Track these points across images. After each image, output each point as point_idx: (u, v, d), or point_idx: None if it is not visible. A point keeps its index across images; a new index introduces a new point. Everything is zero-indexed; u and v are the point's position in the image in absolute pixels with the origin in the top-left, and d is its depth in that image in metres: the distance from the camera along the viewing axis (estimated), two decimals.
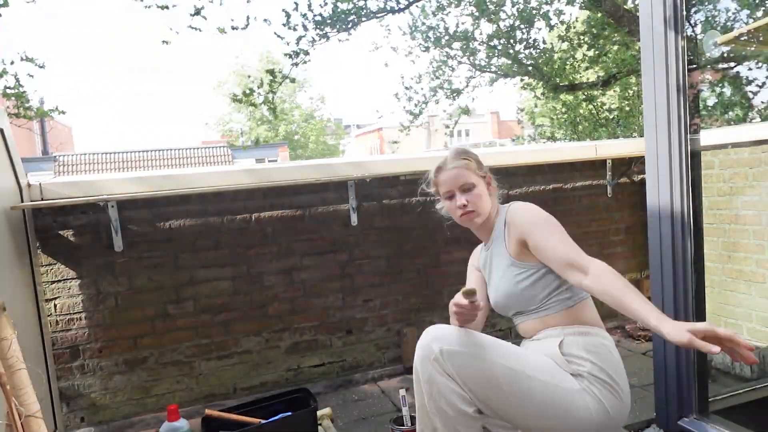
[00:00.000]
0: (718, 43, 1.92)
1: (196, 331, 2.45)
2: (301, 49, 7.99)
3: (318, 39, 7.99)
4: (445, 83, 9.63)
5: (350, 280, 2.66)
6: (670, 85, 1.77)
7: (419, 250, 2.76)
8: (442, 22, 9.09)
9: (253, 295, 2.52)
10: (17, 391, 1.25)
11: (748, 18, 3.55)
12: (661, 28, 1.76)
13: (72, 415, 2.32)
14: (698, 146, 1.81)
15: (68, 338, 2.31)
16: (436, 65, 9.61)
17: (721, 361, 2.34)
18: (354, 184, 2.59)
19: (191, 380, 2.46)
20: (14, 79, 6.01)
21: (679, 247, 1.80)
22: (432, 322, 2.79)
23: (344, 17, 7.93)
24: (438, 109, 11.29)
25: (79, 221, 2.29)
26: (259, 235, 2.52)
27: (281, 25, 7.88)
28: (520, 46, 8.49)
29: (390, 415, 2.30)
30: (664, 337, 1.12)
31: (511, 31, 8.37)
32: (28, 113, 6.37)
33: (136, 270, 2.37)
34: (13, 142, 2.12)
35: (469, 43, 8.84)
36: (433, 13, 9.04)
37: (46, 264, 2.27)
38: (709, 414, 1.85)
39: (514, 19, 8.33)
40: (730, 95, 5.36)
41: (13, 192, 2.11)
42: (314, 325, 2.62)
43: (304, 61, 8.10)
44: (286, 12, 7.78)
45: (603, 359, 1.40)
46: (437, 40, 9.15)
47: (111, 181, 2.32)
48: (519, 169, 2.89)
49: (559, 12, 8.06)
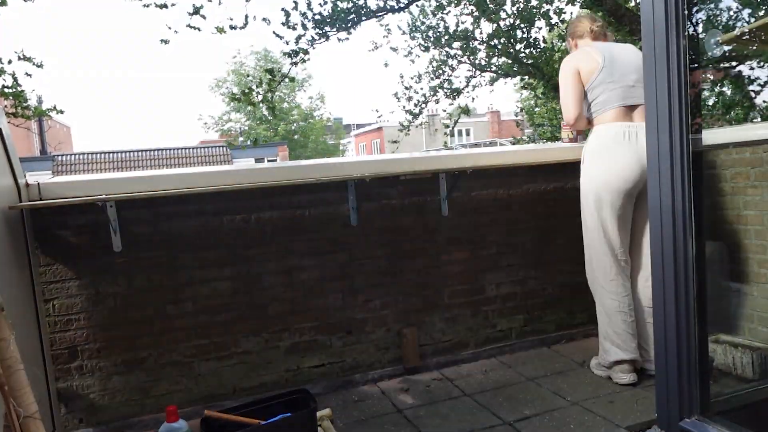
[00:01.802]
0: (720, 42, 1.91)
1: (195, 332, 2.44)
2: (301, 48, 7.99)
3: (317, 38, 7.98)
4: (445, 83, 9.63)
5: (350, 280, 2.65)
6: (671, 85, 1.76)
7: (419, 250, 2.75)
8: (442, 22, 9.09)
9: (252, 295, 2.51)
10: (15, 391, 1.24)
11: (750, 17, 3.54)
12: (662, 27, 1.75)
13: (70, 416, 2.31)
14: (700, 146, 1.80)
15: (67, 339, 2.30)
16: (436, 65, 9.61)
17: (722, 362, 2.33)
18: (354, 184, 2.58)
19: (190, 381, 2.45)
20: (12, 78, 6.00)
21: (681, 248, 1.80)
22: (432, 322, 2.79)
23: (344, 16, 7.93)
24: (438, 109, 11.28)
25: (77, 221, 2.28)
26: (259, 235, 2.51)
27: (280, 24, 7.87)
28: (521, 46, 8.49)
29: (390, 416, 2.29)
30: None
31: (512, 30, 8.37)
32: (26, 112, 6.36)
33: (135, 270, 2.36)
34: (11, 141, 2.11)
35: (469, 42, 8.83)
36: (433, 12, 9.04)
37: (44, 264, 2.26)
38: (711, 415, 1.84)
39: (515, 19, 8.32)
40: (732, 95, 5.35)
41: (11, 192, 2.10)
42: (314, 326, 2.61)
43: (303, 60, 8.10)
44: (286, 11, 7.77)
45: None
46: (437, 39, 9.15)
47: (110, 181, 2.31)
48: (519, 169, 2.88)
49: (559, 11, 8.05)
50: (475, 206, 2.82)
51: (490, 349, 2.87)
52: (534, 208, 2.93)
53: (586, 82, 2.42)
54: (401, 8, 8.44)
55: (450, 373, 2.69)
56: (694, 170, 1.78)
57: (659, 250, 1.85)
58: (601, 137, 2.40)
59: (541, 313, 2.98)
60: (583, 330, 2.98)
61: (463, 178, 2.75)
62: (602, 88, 2.39)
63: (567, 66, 2.48)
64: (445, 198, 2.73)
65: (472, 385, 2.53)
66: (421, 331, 2.76)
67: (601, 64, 2.39)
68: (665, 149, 1.80)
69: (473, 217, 2.82)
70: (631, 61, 2.40)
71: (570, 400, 2.29)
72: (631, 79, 2.37)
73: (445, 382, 2.59)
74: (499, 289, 2.88)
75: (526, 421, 2.16)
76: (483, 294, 2.85)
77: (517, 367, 2.68)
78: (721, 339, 2.47)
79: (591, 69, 2.40)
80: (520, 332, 2.93)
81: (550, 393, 2.38)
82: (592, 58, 2.42)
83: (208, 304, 2.45)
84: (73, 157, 18.88)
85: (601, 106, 2.40)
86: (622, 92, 2.37)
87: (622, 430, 2.04)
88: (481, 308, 2.86)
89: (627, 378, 2.37)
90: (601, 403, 2.24)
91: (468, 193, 2.80)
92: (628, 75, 2.38)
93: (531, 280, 2.95)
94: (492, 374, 2.63)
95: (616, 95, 2.37)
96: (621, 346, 2.38)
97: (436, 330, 2.80)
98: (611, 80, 2.38)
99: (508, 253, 2.90)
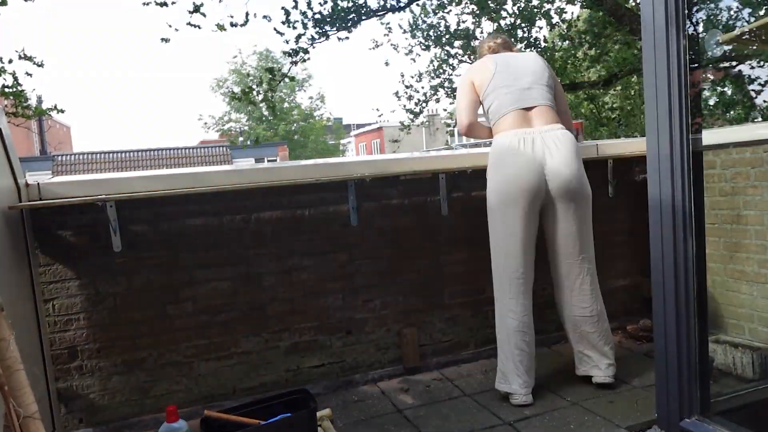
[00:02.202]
0: (720, 41, 1.91)
1: (195, 332, 2.44)
2: (301, 47, 7.98)
3: (318, 37, 7.98)
4: (446, 82, 9.61)
5: (350, 281, 2.65)
6: (671, 85, 1.75)
7: (419, 250, 2.75)
8: (443, 21, 9.08)
9: (252, 295, 2.51)
10: (15, 392, 1.24)
11: (750, 17, 3.54)
12: (662, 27, 1.75)
13: (70, 416, 2.31)
14: (700, 146, 1.80)
15: (66, 339, 2.30)
16: (437, 63, 9.60)
17: (723, 362, 2.33)
18: (354, 184, 2.58)
19: (190, 381, 2.45)
20: (12, 77, 6.00)
21: (681, 248, 1.79)
22: (432, 322, 2.79)
23: (344, 15, 7.92)
24: (439, 108, 11.26)
25: (77, 221, 2.28)
26: (259, 235, 2.51)
27: (280, 23, 7.87)
28: (521, 45, 8.48)
29: (390, 416, 2.29)
30: None
31: (512, 29, 8.36)
32: (26, 112, 6.36)
33: (135, 270, 2.36)
34: (11, 141, 2.10)
35: (470, 41, 8.82)
36: (434, 11, 9.03)
37: (44, 264, 2.26)
38: (711, 415, 1.84)
39: (515, 18, 8.31)
40: (732, 94, 5.35)
41: (11, 192, 2.10)
42: (314, 326, 2.61)
43: (303, 60, 8.09)
44: (286, 10, 7.76)
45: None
46: (438, 38, 9.14)
47: (110, 181, 2.31)
48: None
49: (560, 10, 8.06)
50: (475, 206, 2.81)
51: (491, 349, 2.86)
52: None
53: (480, 90, 2.40)
54: (402, 7, 8.44)
55: (450, 373, 2.69)
56: (694, 170, 1.78)
57: (659, 250, 1.85)
58: (496, 147, 2.33)
59: (541, 313, 2.97)
60: None
61: (463, 178, 2.75)
62: (496, 94, 2.36)
63: (462, 78, 2.52)
64: (445, 198, 2.73)
65: (473, 385, 2.53)
66: (421, 331, 2.76)
67: (493, 70, 2.38)
68: (665, 149, 1.80)
69: (473, 217, 2.81)
70: (527, 65, 2.40)
71: (570, 401, 2.29)
72: (525, 81, 2.36)
73: (445, 383, 2.59)
74: None
75: (526, 421, 2.15)
76: (483, 294, 2.85)
77: None
78: (721, 339, 2.47)
79: (484, 77, 2.39)
80: None
81: (550, 393, 2.38)
82: (485, 67, 2.42)
83: (208, 304, 2.45)
84: (73, 157, 18.89)
85: (497, 111, 2.36)
86: (517, 95, 2.33)
87: (622, 430, 2.04)
88: (481, 308, 2.86)
89: (521, 400, 2.28)
90: (601, 404, 2.24)
91: (468, 193, 2.80)
92: (522, 78, 2.36)
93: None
94: (492, 374, 2.62)
95: (510, 99, 2.33)
96: (512, 375, 2.31)
97: (436, 330, 2.79)
98: (504, 84, 2.35)
99: None
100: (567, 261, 2.36)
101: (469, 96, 2.43)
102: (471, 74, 2.47)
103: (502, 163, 2.30)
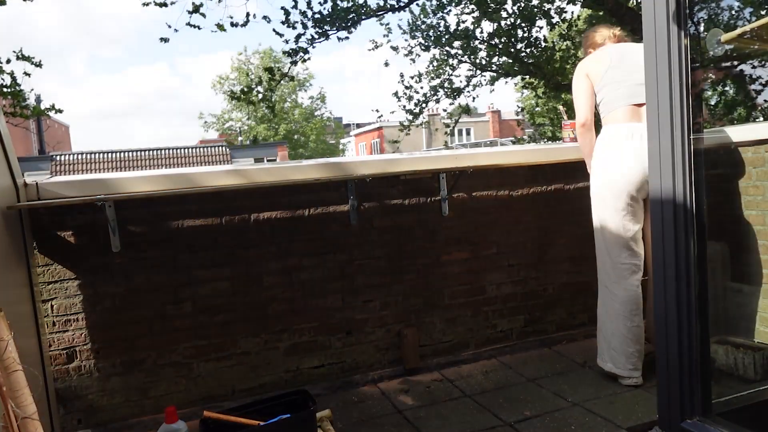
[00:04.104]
0: (722, 41, 1.90)
1: (194, 332, 2.43)
2: (300, 47, 7.98)
3: (317, 37, 7.97)
4: (445, 82, 9.62)
5: (350, 281, 2.64)
6: (672, 84, 1.75)
7: (419, 250, 2.74)
8: (443, 21, 9.08)
9: (252, 295, 2.50)
10: (14, 392, 1.23)
11: (752, 16, 3.53)
12: (663, 26, 1.74)
13: (69, 417, 2.30)
14: (701, 145, 1.79)
15: (65, 339, 2.29)
16: (437, 64, 9.60)
17: (724, 363, 2.32)
18: (354, 184, 2.57)
19: (189, 382, 2.44)
20: (10, 77, 5.99)
21: (682, 247, 1.79)
22: (432, 323, 2.78)
23: (344, 15, 7.91)
24: (438, 108, 11.26)
25: (76, 221, 2.27)
26: (258, 235, 2.50)
27: (280, 23, 7.87)
28: (521, 45, 8.48)
29: (390, 417, 2.28)
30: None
31: (512, 29, 8.36)
32: (25, 112, 6.35)
33: (134, 270, 2.35)
34: (9, 141, 2.10)
35: (470, 41, 8.82)
36: (434, 11, 9.03)
37: (42, 264, 2.25)
38: (713, 416, 1.83)
39: (515, 18, 8.31)
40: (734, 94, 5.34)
41: (9, 192, 2.09)
42: (314, 326, 2.60)
43: (303, 60, 8.09)
44: (286, 10, 7.76)
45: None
46: (438, 38, 9.14)
47: (108, 181, 2.30)
48: (520, 169, 2.87)
49: (560, 10, 8.05)
50: (475, 206, 2.81)
51: (491, 349, 2.86)
52: (535, 208, 2.92)
53: (595, 82, 2.45)
54: (402, 7, 8.44)
55: (450, 373, 2.68)
56: (695, 169, 1.77)
57: (660, 250, 1.84)
58: (605, 138, 2.41)
59: (542, 313, 2.97)
60: (584, 330, 2.97)
61: (463, 178, 2.74)
62: (610, 88, 2.41)
63: (577, 70, 2.54)
64: (445, 198, 2.72)
65: (473, 386, 2.52)
66: (421, 331, 2.75)
67: (608, 63, 2.41)
68: (666, 148, 1.79)
69: (473, 217, 2.81)
70: (641, 59, 2.41)
71: (571, 401, 2.29)
72: (639, 77, 2.36)
73: (445, 383, 2.58)
74: (499, 289, 2.87)
75: (527, 422, 2.15)
76: (483, 294, 2.84)
77: (518, 368, 2.67)
78: (722, 340, 2.46)
79: (598, 70, 2.44)
80: (520, 333, 2.92)
81: (550, 394, 2.37)
82: (600, 59, 2.46)
83: (208, 304, 2.44)
84: (72, 157, 18.84)
85: (609, 105, 2.41)
86: (630, 90, 2.37)
87: (623, 431, 2.04)
88: (481, 309, 2.85)
89: (631, 380, 2.35)
90: (602, 404, 2.23)
91: (468, 193, 2.79)
92: (635, 73, 2.36)
93: (532, 280, 2.94)
94: (492, 375, 2.62)
95: (623, 94, 2.37)
96: (616, 360, 2.38)
97: (436, 330, 2.79)
98: (618, 79, 2.39)
99: (508, 253, 2.89)
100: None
101: (587, 90, 2.46)
102: (586, 66, 2.50)
103: (611, 153, 2.37)
